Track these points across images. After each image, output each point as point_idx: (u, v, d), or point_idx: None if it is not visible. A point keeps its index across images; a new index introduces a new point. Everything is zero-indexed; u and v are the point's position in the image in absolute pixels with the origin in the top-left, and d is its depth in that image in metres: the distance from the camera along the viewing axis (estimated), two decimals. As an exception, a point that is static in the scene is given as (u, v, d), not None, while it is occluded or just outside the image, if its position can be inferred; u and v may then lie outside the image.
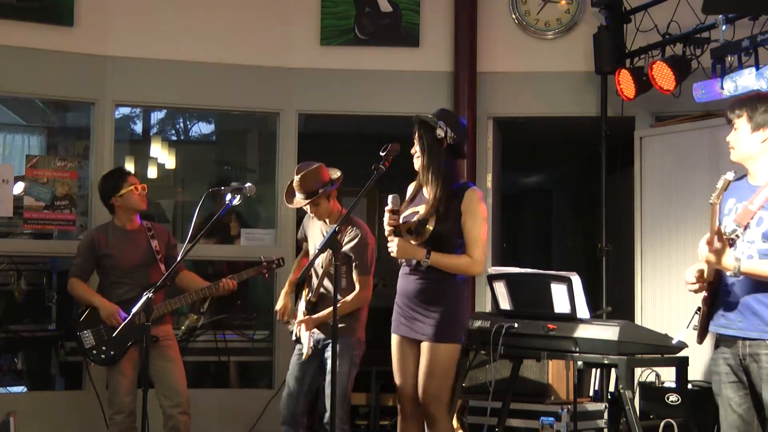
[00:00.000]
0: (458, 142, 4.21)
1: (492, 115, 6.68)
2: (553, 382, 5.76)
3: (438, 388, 4.18)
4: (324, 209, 4.97)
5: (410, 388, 4.27)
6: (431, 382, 4.17)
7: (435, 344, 4.16)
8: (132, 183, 5.36)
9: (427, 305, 4.19)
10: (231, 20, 6.54)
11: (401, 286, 4.32)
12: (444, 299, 4.19)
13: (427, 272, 4.19)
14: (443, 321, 4.16)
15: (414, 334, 4.23)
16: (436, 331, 4.16)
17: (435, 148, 4.19)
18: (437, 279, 4.19)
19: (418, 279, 4.23)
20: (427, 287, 4.20)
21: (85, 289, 5.33)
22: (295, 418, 4.99)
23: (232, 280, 5.26)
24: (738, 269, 3.47)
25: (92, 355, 5.27)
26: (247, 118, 7.98)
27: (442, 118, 4.21)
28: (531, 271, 4.80)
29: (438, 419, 4.20)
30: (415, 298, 4.22)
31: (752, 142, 3.64)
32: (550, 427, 5.19)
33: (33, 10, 6.12)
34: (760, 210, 3.55)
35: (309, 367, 5.00)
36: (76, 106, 7.18)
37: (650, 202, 6.15)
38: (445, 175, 4.19)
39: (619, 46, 6.17)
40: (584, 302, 4.57)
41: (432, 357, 4.16)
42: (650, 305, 6.09)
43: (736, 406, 3.63)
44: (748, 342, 3.56)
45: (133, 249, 5.33)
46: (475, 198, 4.20)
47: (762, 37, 5.13)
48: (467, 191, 4.20)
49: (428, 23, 6.63)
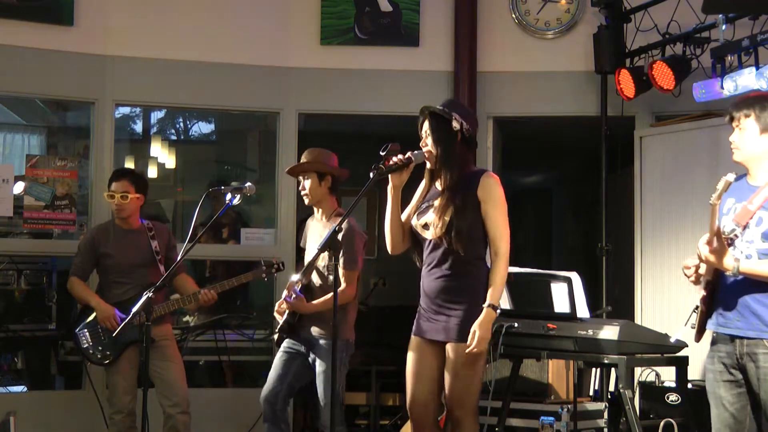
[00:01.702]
0: (471, 131, 4.08)
1: (492, 115, 6.68)
2: (553, 381, 5.76)
3: (462, 391, 4.00)
4: (314, 189, 4.89)
5: (423, 394, 4.09)
6: (455, 383, 3.99)
7: (459, 344, 3.96)
8: (109, 193, 5.31)
9: (451, 304, 4.00)
10: (231, 20, 6.54)
11: (424, 285, 4.12)
12: (468, 297, 4.00)
13: (450, 269, 4.01)
14: (468, 320, 3.95)
15: (436, 335, 4.04)
16: (460, 331, 3.96)
17: (450, 140, 4.03)
18: (460, 276, 4.00)
19: (439, 277, 4.04)
20: (450, 285, 4.01)
21: (84, 289, 5.33)
22: (276, 414, 4.89)
23: (212, 290, 5.19)
24: (737, 269, 3.47)
25: (88, 354, 5.28)
26: (247, 118, 7.98)
27: (454, 108, 4.08)
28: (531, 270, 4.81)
29: (463, 423, 4.03)
30: (437, 298, 4.04)
31: (759, 143, 3.61)
32: (550, 426, 5.18)
33: (33, 10, 6.12)
34: (759, 210, 3.54)
35: (292, 365, 4.91)
36: (76, 106, 7.18)
37: (650, 202, 6.15)
38: (460, 165, 4.04)
39: (619, 45, 6.17)
40: (584, 302, 4.57)
41: (457, 358, 3.97)
42: (650, 305, 6.09)
43: (729, 405, 3.63)
44: (746, 341, 3.56)
45: (133, 249, 5.32)
46: (494, 183, 4.03)
47: (762, 37, 5.13)
48: (483, 176, 4.04)
49: (428, 23, 6.63)
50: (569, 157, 9.69)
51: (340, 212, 4.93)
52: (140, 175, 5.55)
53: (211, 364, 7.30)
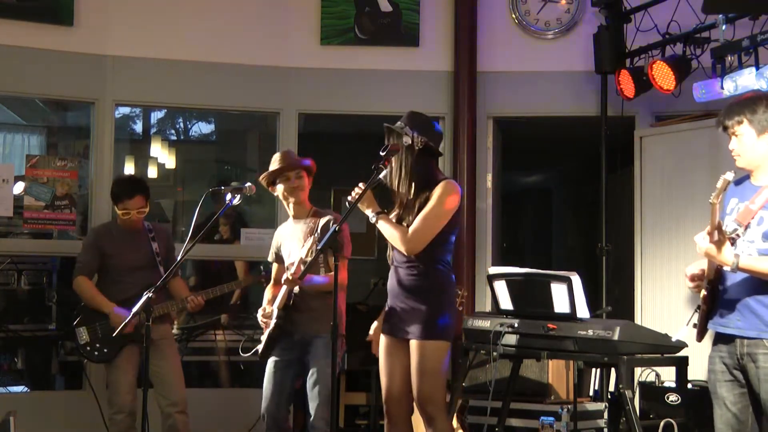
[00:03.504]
0: (429, 143, 4.18)
1: (492, 115, 6.69)
2: (553, 381, 5.76)
3: (431, 387, 4.11)
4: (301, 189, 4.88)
5: (396, 390, 4.21)
6: (423, 381, 4.09)
7: (423, 342, 4.09)
8: (124, 209, 5.28)
9: (413, 301, 4.13)
10: (231, 20, 6.55)
11: (389, 283, 4.28)
12: (430, 294, 4.12)
13: (411, 270, 4.15)
14: (431, 317, 4.09)
15: (401, 333, 4.17)
16: (423, 328, 4.09)
17: (403, 153, 4.14)
18: (423, 273, 4.13)
19: (403, 274, 4.18)
20: (413, 281, 4.15)
21: (96, 293, 5.28)
22: (278, 424, 4.80)
23: (199, 297, 5.19)
24: (736, 265, 3.45)
25: (86, 352, 5.29)
26: (247, 118, 7.99)
27: (410, 122, 4.19)
28: (531, 270, 4.80)
29: (435, 418, 4.14)
30: (401, 294, 4.18)
31: (759, 146, 3.59)
32: (550, 426, 5.18)
33: (33, 9, 6.12)
34: (761, 210, 3.54)
35: (287, 375, 4.82)
36: (76, 106, 7.19)
37: (650, 202, 6.15)
38: (417, 178, 4.15)
39: (619, 45, 6.17)
40: (584, 302, 4.56)
41: (422, 356, 4.09)
42: (650, 305, 6.09)
43: (731, 405, 3.63)
44: (746, 341, 3.56)
45: (133, 250, 5.33)
46: (445, 189, 4.12)
47: (762, 37, 5.13)
48: (440, 183, 4.15)
49: (428, 23, 6.63)
50: (569, 157, 9.69)
51: (316, 210, 4.92)
52: (146, 185, 5.49)
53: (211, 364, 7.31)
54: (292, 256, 4.88)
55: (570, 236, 11.07)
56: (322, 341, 4.64)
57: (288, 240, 4.97)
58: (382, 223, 4.13)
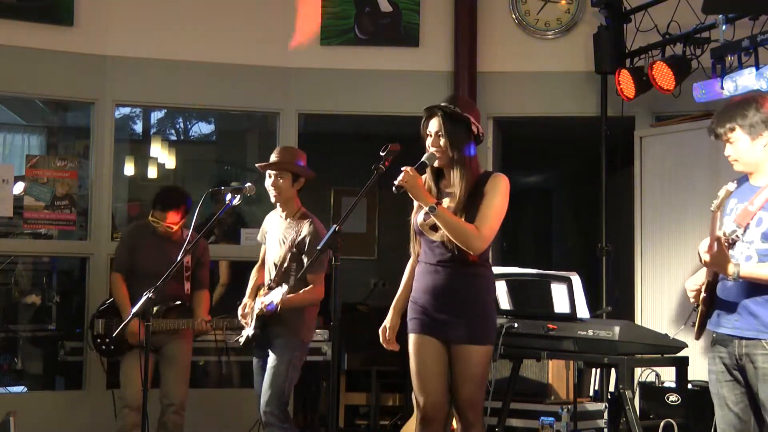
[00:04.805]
0: (481, 130, 3.98)
1: (492, 115, 6.69)
2: (553, 382, 5.76)
3: (475, 393, 3.91)
4: (286, 189, 4.85)
5: (440, 394, 3.94)
6: (468, 387, 3.89)
7: (470, 347, 3.85)
8: (154, 218, 5.28)
9: (457, 304, 3.87)
10: (231, 20, 6.55)
11: (423, 282, 3.95)
12: (476, 297, 3.89)
13: (458, 271, 3.87)
14: (476, 321, 3.87)
15: (442, 336, 3.90)
16: (469, 333, 3.85)
17: (465, 141, 3.89)
18: (467, 277, 3.88)
19: (446, 277, 3.89)
20: (457, 286, 3.88)
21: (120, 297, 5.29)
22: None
23: (208, 325, 5.24)
24: (737, 274, 3.47)
25: (95, 344, 5.37)
26: (247, 118, 7.98)
27: (466, 109, 3.94)
28: (531, 271, 4.81)
29: (475, 425, 3.94)
30: (442, 296, 3.89)
31: (755, 150, 3.58)
32: (550, 427, 5.19)
33: (33, 10, 6.13)
34: (759, 211, 3.54)
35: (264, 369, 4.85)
36: (76, 106, 7.18)
37: (650, 202, 6.15)
38: (474, 169, 3.92)
39: (619, 46, 6.18)
40: (584, 302, 4.57)
41: (468, 361, 3.86)
42: (650, 305, 6.09)
43: (733, 405, 3.63)
44: (744, 342, 3.55)
45: (161, 258, 5.13)
46: (506, 182, 3.90)
47: (762, 37, 5.13)
48: (492, 176, 3.92)
49: (428, 23, 6.63)
50: (569, 157, 9.69)
51: (304, 212, 4.90)
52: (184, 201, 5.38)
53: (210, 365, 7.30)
54: (270, 254, 4.91)
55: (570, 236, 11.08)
56: (281, 341, 4.75)
57: (272, 233, 4.97)
58: (444, 216, 3.76)
